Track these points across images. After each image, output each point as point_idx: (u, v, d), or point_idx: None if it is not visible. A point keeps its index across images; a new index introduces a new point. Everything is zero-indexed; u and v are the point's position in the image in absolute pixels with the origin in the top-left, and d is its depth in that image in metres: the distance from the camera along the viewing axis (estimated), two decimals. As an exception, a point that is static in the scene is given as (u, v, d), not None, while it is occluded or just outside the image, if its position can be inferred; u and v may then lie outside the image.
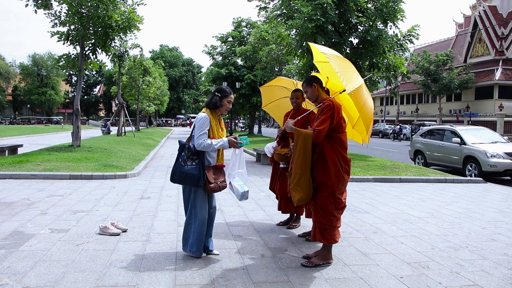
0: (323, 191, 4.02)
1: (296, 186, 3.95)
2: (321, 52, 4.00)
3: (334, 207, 4.03)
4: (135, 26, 13.58)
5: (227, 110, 4.29)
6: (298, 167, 3.93)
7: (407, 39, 14.03)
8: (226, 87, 4.30)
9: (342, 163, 4.00)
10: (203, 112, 4.23)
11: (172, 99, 71.50)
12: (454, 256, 4.62)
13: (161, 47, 78.75)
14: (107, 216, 5.88)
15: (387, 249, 4.77)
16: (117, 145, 17.78)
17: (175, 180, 4.10)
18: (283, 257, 4.37)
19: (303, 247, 4.77)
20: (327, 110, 3.91)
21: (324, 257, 4.15)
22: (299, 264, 4.16)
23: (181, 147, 4.15)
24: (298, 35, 13.85)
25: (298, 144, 3.94)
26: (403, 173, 11.31)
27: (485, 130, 14.72)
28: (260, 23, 32.54)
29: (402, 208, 7.18)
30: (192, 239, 4.17)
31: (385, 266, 4.21)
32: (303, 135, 3.94)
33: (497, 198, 8.54)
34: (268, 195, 8.00)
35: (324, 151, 3.98)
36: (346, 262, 4.29)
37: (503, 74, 41.08)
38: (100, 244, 4.59)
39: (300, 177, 3.93)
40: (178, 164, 4.07)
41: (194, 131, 4.11)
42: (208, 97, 4.43)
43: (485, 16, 42.96)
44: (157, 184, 9.03)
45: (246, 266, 4.08)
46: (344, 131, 4.08)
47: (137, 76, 31.15)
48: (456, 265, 4.31)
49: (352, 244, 4.91)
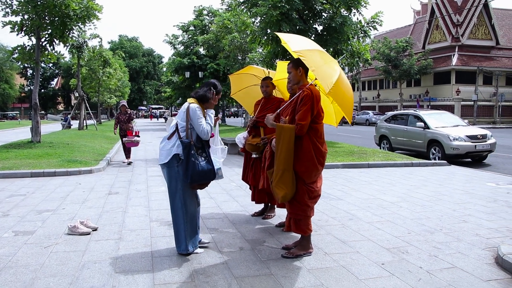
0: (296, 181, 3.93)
1: (279, 183, 3.83)
2: (293, 51, 3.84)
3: (308, 196, 3.95)
4: (94, 15, 13.02)
5: (213, 106, 4.25)
6: (281, 163, 3.81)
7: (371, 25, 14.14)
8: (219, 83, 4.28)
9: (317, 155, 3.90)
10: (192, 103, 4.06)
11: (133, 90, 69.82)
12: (431, 239, 4.68)
13: (120, 38, 76.46)
14: (75, 215, 5.60)
15: (365, 236, 4.77)
16: (80, 139, 17.19)
17: (195, 181, 3.92)
18: (262, 249, 4.28)
19: (281, 237, 4.70)
20: (307, 100, 3.80)
21: (304, 247, 4.09)
22: (279, 255, 4.08)
23: (187, 146, 3.88)
24: (262, 22, 13.70)
25: (281, 140, 3.81)
26: (371, 158, 11.45)
27: (446, 114, 15.13)
28: (222, 11, 32.15)
29: (374, 194, 7.24)
30: (187, 237, 4.04)
31: (365, 253, 4.20)
32: (286, 130, 3.81)
33: (462, 180, 8.77)
34: (239, 185, 7.89)
35: (299, 142, 3.87)
36: (326, 251, 4.25)
37: (459, 60, 42.41)
38: (70, 245, 4.35)
39: (283, 173, 3.81)
40: (192, 164, 3.86)
41: (192, 123, 3.97)
42: (201, 90, 4.16)
43: (441, 3, 44.06)
44: (124, 178, 8.75)
45: (226, 260, 3.96)
46: (321, 122, 3.99)
47: (97, 67, 30.20)
48: (434, 249, 4.35)
49: (330, 232, 4.88)
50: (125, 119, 11.26)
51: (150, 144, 17.77)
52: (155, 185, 7.95)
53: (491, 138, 12.83)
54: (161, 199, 6.61)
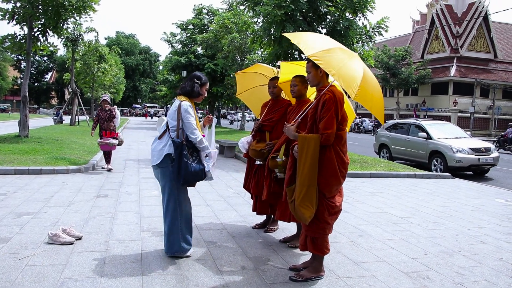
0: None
1: (304, 201, 3.35)
2: (308, 56, 3.34)
3: (328, 212, 3.49)
4: (90, 7, 12.45)
5: (202, 99, 3.98)
6: (306, 178, 3.34)
7: (376, 30, 13.74)
8: (202, 74, 3.94)
9: (340, 166, 3.43)
10: (183, 100, 3.76)
11: (128, 87, 69.05)
12: (451, 263, 4.23)
13: (117, 34, 75.76)
14: (58, 220, 5.07)
15: (379, 256, 4.31)
16: (70, 135, 16.62)
17: (187, 181, 3.81)
18: (267, 270, 3.80)
19: (287, 255, 4.22)
20: (330, 105, 3.33)
21: (315, 269, 3.62)
22: (287, 278, 3.61)
23: (179, 146, 3.72)
24: (265, 22, 13.23)
25: (304, 152, 3.35)
26: (372, 167, 11.03)
27: (449, 125, 14.80)
28: (222, 11, 31.66)
29: (381, 207, 6.80)
30: (181, 238, 3.84)
31: (382, 278, 3.74)
32: (311, 141, 3.36)
33: (470, 195, 8.36)
34: (237, 192, 7.42)
35: (322, 151, 3.39)
36: (339, 274, 3.78)
37: (457, 71, 42.29)
38: (49, 257, 3.82)
39: (308, 189, 3.35)
40: (185, 165, 3.71)
41: (183, 124, 3.75)
42: (186, 85, 3.86)
43: (441, 14, 43.95)
44: (115, 179, 8.22)
45: (227, 283, 3.47)
46: (345, 128, 3.52)
47: (92, 62, 29.51)
48: (457, 274, 3.91)
49: (339, 251, 4.41)
50: (105, 117, 9.52)
51: (144, 143, 17.21)
52: (148, 188, 7.45)
53: (494, 152, 12.48)
54: (153, 205, 6.11)
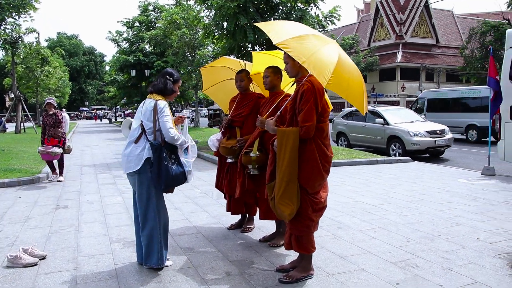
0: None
1: (283, 198, 3.17)
2: (276, 44, 3.09)
3: (312, 209, 3.33)
4: (30, 5, 11.67)
5: (175, 97, 3.70)
6: (286, 174, 3.16)
7: (329, 19, 13.79)
8: (174, 71, 3.68)
9: (322, 160, 3.26)
10: (158, 99, 3.51)
11: (74, 90, 66.38)
12: (434, 248, 4.20)
13: (59, 35, 72.52)
14: (15, 239, 4.62)
15: (363, 248, 4.22)
16: (17, 144, 15.63)
17: (168, 186, 3.56)
18: (253, 273, 3.59)
19: (271, 256, 4.03)
20: (309, 96, 3.15)
21: (304, 269, 3.45)
22: (276, 280, 3.42)
23: (158, 148, 3.46)
24: (218, 16, 12.95)
25: (284, 146, 3.17)
26: (335, 156, 11.03)
27: (404, 110, 15.15)
28: (169, 6, 30.89)
29: (352, 196, 6.77)
30: (160, 249, 3.57)
31: (372, 270, 3.63)
32: (289, 134, 3.17)
33: (434, 177, 8.52)
34: (204, 191, 7.17)
35: (302, 145, 3.21)
36: (327, 270, 3.64)
37: (403, 57, 43.72)
38: (11, 284, 3.42)
39: (287, 185, 3.16)
40: (165, 168, 3.46)
41: (160, 124, 3.46)
42: (159, 82, 3.58)
43: (385, 2, 45.25)
44: (73, 188, 7.72)
45: (214, 292, 3.25)
46: (326, 120, 3.35)
47: (35, 66, 28.00)
48: (443, 260, 3.87)
49: (323, 246, 4.27)
50: (51, 122, 8.21)
51: (97, 147, 16.48)
52: (109, 195, 7.03)
53: (448, 133, 12.88)
54: (118, 213, 5.75)
